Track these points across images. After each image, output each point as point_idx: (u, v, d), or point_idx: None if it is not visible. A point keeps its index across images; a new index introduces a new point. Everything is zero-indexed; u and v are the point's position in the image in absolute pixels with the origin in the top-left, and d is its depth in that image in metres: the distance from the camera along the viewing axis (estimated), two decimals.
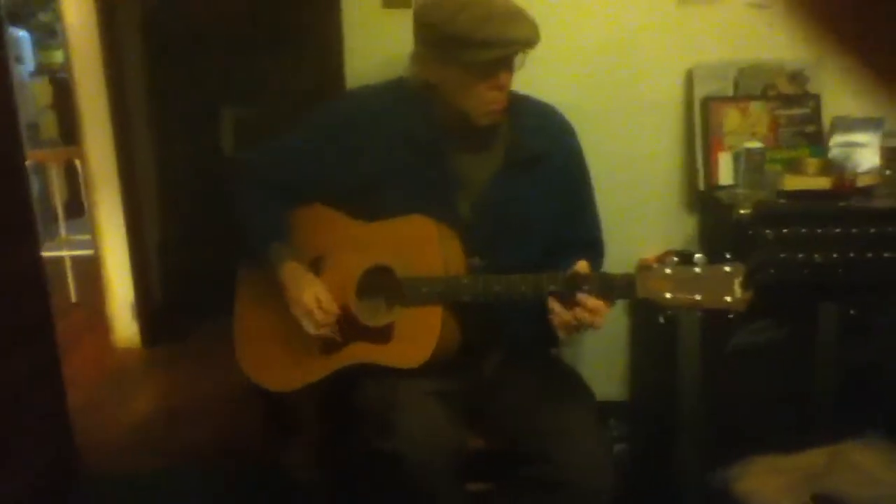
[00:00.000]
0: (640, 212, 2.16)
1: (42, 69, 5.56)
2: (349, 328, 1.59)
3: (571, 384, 1.64)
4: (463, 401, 1.60)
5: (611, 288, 1.40)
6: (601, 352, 2.22)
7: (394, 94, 1.65)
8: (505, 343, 1.69)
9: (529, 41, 1.48)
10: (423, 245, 1.57)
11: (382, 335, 1.57)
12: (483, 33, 1.44)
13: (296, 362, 1.65)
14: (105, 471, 2.42)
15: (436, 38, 1.51)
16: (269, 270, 1.62)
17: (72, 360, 3.05)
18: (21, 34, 5.31)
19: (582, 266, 1.42)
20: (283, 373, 1.67)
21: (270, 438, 2.19)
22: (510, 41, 1.46)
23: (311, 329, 1.59)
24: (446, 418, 1.51)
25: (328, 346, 1.61)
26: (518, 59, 1.53)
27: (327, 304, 1.58)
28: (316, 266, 1.65)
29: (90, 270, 3.56)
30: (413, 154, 1.61)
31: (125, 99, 3.35)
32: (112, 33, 3.23)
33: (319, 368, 1.62)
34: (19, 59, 5.23)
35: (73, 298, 3.89)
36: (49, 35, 5.69)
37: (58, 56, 5.36)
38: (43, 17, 5.96)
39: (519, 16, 1.48)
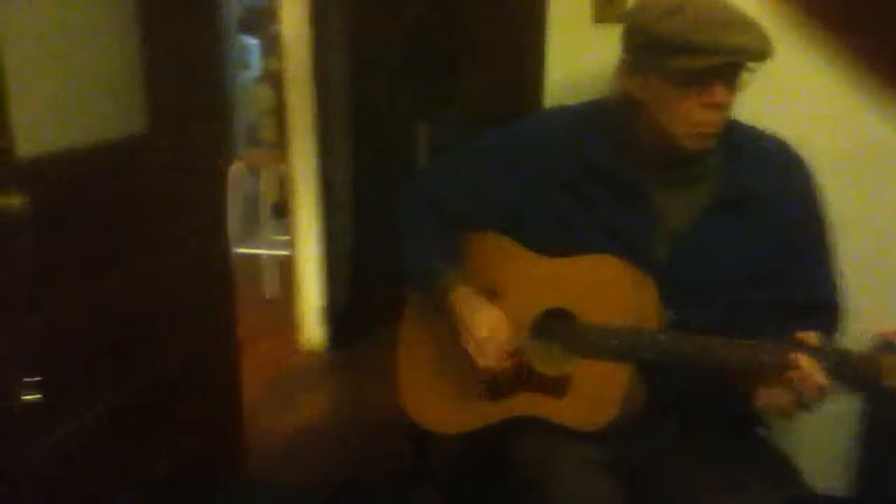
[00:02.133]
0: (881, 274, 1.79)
1: (267, 75, 5.95)
2: (519, 374, 1.43)
3: (770, 471, 1.37)
4: (629, 473, 1.38)
5: (850, 371, 1.12)
6: (819, 436, 1.88)
7: (588, 118, 1.47)
8: (688, 410, 1.45)
9: (755, 52, 1.24)
10: (612, 290, 1.37)
11: (556, 387, 1.39)
12: (698, 37, 1.23)
13: (457, 404, 1.51)
14: (263, 474, 2.43)
15: (644, 43, 1.30)
16: (439, 298, 1.49)
17: (255, 357, 3.14)
18: (251, 42, 5.71)
19: (810, 338, 1.16)
20: (442, 414, 1.54)
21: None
22: (730, 49, 1.23)
23: (481, 361, 1.43)
24: (609, 495, 1.30)
25: (494, 391, 1.46)
26: (742, 77, 1.29)
27: (503, 334, 1.42)
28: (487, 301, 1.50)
29: (288, 270, 3.69)
30: (605, 185, 1.42)
31: (329, 109, 3.43)
32: (322, 45, 3.32)
33: (481, 415, 1.48)
34: (246, 66, 5.62)
35: (269, 296, 4.06)
36: (276, 44, 6.09)
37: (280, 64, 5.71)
38: (272, 27, 6.41)
39: (745, 22, 1.25)
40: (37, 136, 1.59)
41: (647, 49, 1.30)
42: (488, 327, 1.41)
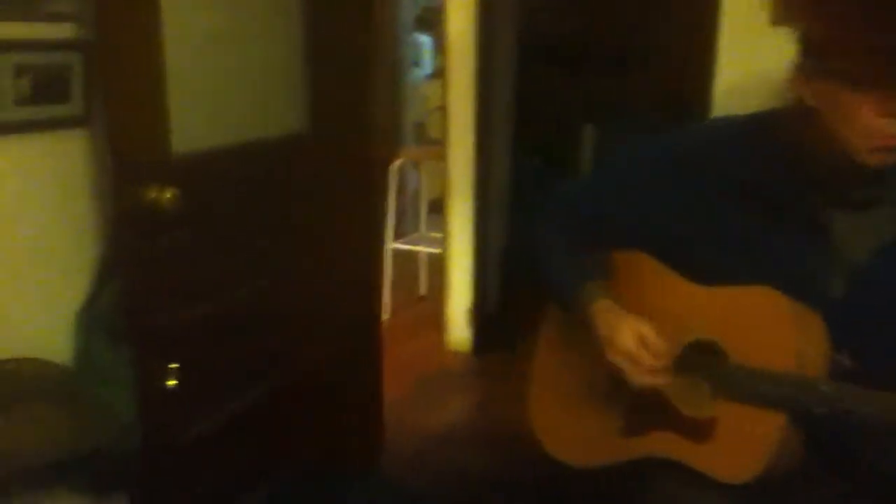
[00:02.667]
0: None
1: (438, 73, 6.01)
2: (658, 410, 1.30)
3: None
4: None
5: None
6: None
7: (756, 130, 1.29)
8: (859, 470, 1.24)
9: None
10: (771, 327, 1.21)
11: (699, 430, 1.25)
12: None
13: (588, 435, 1.40)
14: (397, 476, 2.42)
15: (821, 41, 1.13)
16: (580, 312, 1.37)
17: (401, 353, 3.16)
18: (424, 39, 5.78)
19: None
20: (571, 444, 1.43)
21: None
22: None
23: (634, 378, 1.27)
24: None
25: (630, 427, 1.34)
26: None
27: (656, 344, 1.26)
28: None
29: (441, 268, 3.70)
30: (772, 206, 1.24)
31: (491, 107, 3.38)
32: (487, 43, 3.27)
33: (613, 451, 1.35)
34: (418, 63, 5.70)
35: (420, 292, 4.09)
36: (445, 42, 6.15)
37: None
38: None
39: None
40: (194, 133, 1.65)
41: (823, 49, 1.12)
42: (638, 337, 1.27)
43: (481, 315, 3.45)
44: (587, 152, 3.56)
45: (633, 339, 1.26)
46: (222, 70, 1.76)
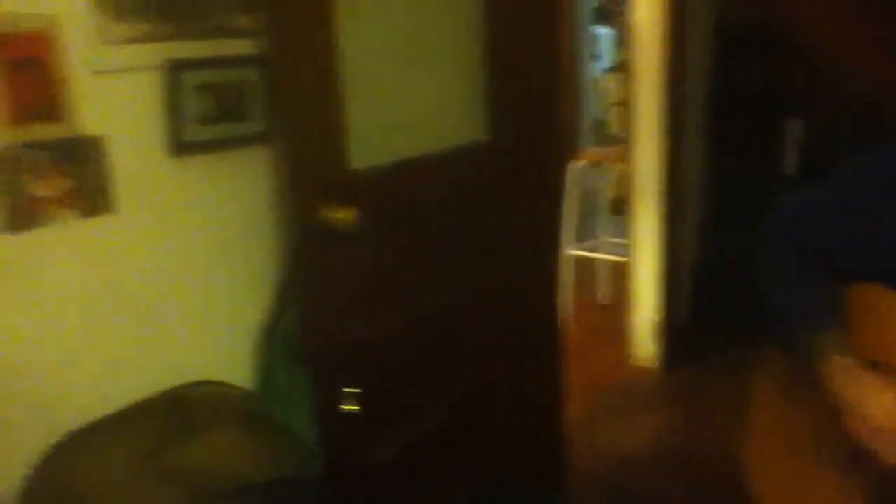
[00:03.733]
0: None
1: (620, 66, 5.74)
2: None
3: None
4: None
5: None
6: None
7: None
8: None
9: None
10: None
11: None
12: None
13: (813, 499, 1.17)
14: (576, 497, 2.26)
15: None
16: (812, 361, 1.16)
17: (581, 367, 2.97)
18: (604, 32, 5.53)
19: None
20: None
21: None
22: None
23: (891, 455, 1.08)
24: None
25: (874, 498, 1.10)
26: None
27: None
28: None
29: (623, 275, 3.47)
30: None
31: (682, 102, 3.11)
32: (679, 32, 3.01)
33: None
34: (598, 57, 5.47)
35: (601, 301, 3.88)
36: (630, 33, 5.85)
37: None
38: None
39: None
40: (371, 148, 1.58)
41: None
42: (888, 412, 1.05)
43: (669, 328, 3.20)
44: (791, 151, 3.19)
45: (886, 414, 1.04)
46: (400, 82, 1.68)
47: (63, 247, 1.41)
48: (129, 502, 1.31)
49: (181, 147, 1.51)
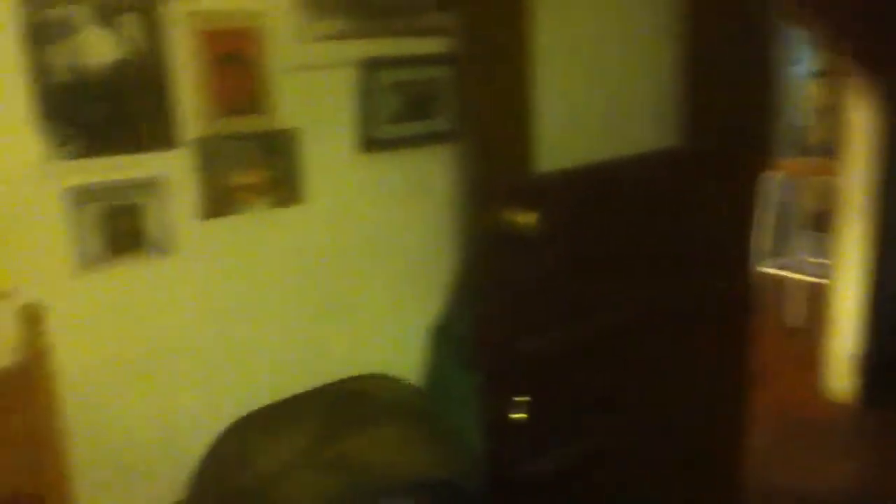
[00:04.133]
0: None
1: (825, 70, 5.30)
2: None
3: None
4: None
5: None
6: None
7: None
8: None
9: None
10: None
11: None
12: None
13: None
14: None
15: None
16: None
17: (766, 395, 2.73)
18: (804, 33, 5.12)
19: None
20: None
21: None
22: None
23: None
24: None
25: None
26: None
27: None
28: None
29: (819, 297, 3.17)
30: None
31: None
32: None
33: None
34: (797, 61, 5.07)
35: (791, 323, 3.56)
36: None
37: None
38: None
39: None
40: (558, 151, 1.52)
41: None
42: None
43: (872, 361, 2.87)
44: None
45: None
46: (591, 83, 1.60)
47: (254, 234, 1.47)
48: (294, 485, 1.34)
49: (371, 143, 1.53)
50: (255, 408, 1.49)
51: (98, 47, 1.25)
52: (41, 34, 1.20)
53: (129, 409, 1.39)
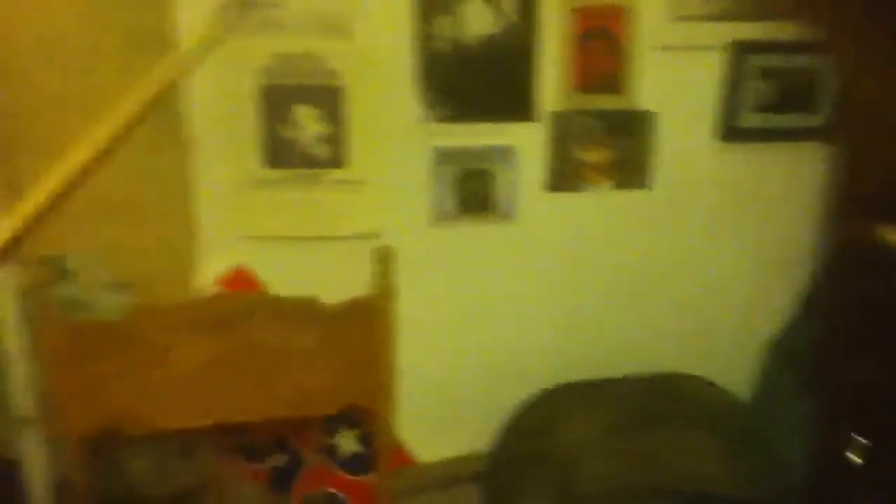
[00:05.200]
0: None
1: None
2: None
3: None
4: None
5: None
6: None
7: None
8: None
9: None
10: None
11: None
12: None
13: None
14: None
15: None
16: None
17: None
18: None
19: None
20: None
21: None
22: None
23: None
24: None
25: None
26: None
27: None
28: None
29: None
30: None
31: None
32: None
33: None
34: None
35: None
36: None
37: None
38: None
39: None
40: None
41: None
42: None
43: None
44: None
45: None
46: None
47: (594, 212, 1.48)
48: (589, 464, 1.34)
49: (731, 132, 1.43)
50: (565, 380, 1.53)
51: (478, 20, 1.35)
52: (432, 5, 1.33)
53: (455, 350, 1.52)
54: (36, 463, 1.35)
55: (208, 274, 1.39)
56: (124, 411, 1.22)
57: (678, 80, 1.41)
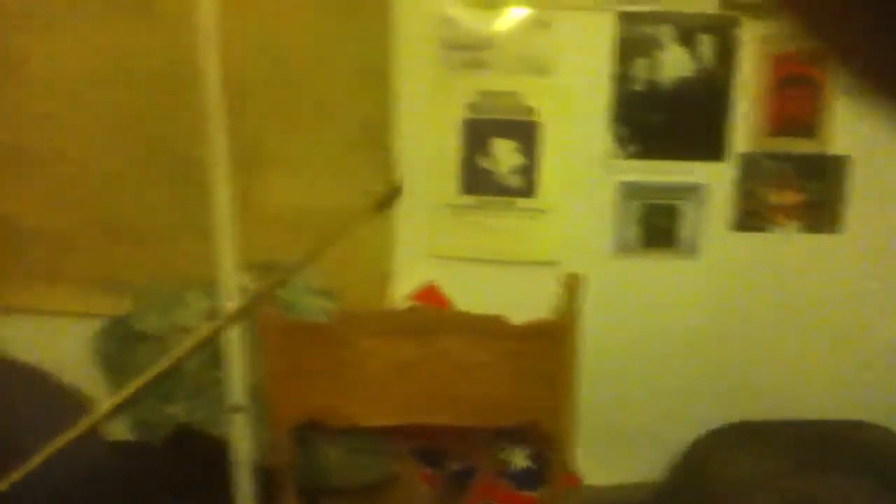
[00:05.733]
0: None
1: None
2: None
3: None
4: None
5: None
6: None
7: None
8: None
9: None
10: None
11: None
12: None
13: None
14: None
15: None
16: None
17: None
18: None
19: None
20: None
21: None
22: None
23: None
24: None
25: None
26: None
27: None
28: None
29: None
30: None
31: None
32: None
33: None
34: None
35: None
36: None
37: None
38: None
39: None
40: None
41: None
42: None
43: None
44: None
45: None
46: None
47: (780, 254, 1.48)
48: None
49: None
50: (739, 419, 1.52)
51: (674, 63, 1.41)
52: (632, 48, 1.40)
53: (632, 379, 1.55)
54: (242, 447, 1.50)
55: (402, 287, 1.51)
56: (327, 405, 1.34)
57: (875, 124, 1.40)
